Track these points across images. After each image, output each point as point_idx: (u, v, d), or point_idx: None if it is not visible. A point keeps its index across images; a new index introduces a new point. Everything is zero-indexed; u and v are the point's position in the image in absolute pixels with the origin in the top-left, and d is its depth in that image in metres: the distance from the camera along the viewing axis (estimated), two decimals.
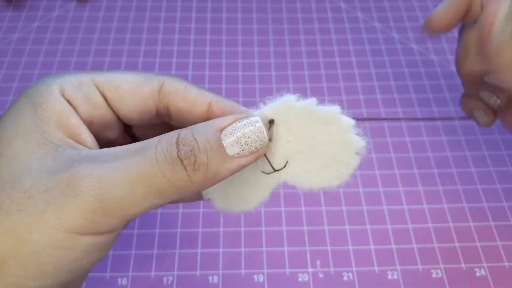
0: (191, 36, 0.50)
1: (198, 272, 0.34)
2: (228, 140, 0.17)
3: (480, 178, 0.39)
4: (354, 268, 0.34)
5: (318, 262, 0.35)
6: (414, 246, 0.35)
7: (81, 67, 0.47)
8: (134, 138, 0.22)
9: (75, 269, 0.17)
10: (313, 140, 0.18)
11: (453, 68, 0.48)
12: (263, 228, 0.36)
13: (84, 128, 0.18)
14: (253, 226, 0.36)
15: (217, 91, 0.46)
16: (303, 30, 0.51)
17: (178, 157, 0.16)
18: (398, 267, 0.34)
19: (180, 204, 0.37)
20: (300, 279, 0.34)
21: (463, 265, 0.34)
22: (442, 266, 0.34)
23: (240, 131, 0.17)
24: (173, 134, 0.17)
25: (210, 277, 0.34)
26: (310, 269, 0.34)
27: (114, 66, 0.47)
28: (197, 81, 0.46)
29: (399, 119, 0.42)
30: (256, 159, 0.18)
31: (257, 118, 0.18)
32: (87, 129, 0.18)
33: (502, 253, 0.35)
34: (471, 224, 0.37)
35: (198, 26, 0.51)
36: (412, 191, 0.38)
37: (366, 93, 0.45)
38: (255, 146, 0.17)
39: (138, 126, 0.21)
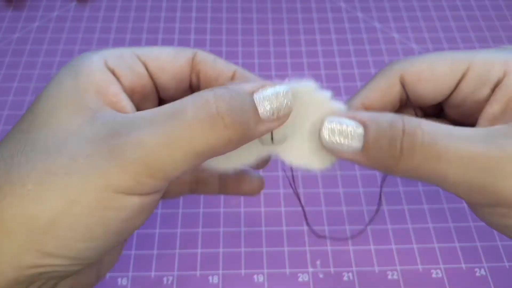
0: (191, 36, 0.50)
1: (198, 272, 0.34)
2: (260, 102, 0.18)
3: None
4: (354, 268, 0.34)
5: (318, 262, 0.35)
6: (414, 246, 0.35)
7: None
8: None
9: (122, 231, 0.17)
10: (313, 126, 0.20)
11: None
12: (263, 228, 0.36)
13: (124, 95, 0.19)
14: (253, 226, 0.36)
15: None
16: (303, 30, 0.51)
17: (218, 114, 0.16)
18: (398, 267, 0.34)
19: (180, 204, 0.37)
20: (300, 279, 0.34)
21: (463, 265, 0.34)
22: (442, 266, 0.34)
23: (272, 95, 0.18)
24: (207, 92, 0.17)
25: (210, 277, 0.34)
26: (310, 269, 0.34)
27: None
28: None
29: None
30: (280, 125, 0.19)
31: (287, 87, 0.18)
32: (127, 97, 0.19)
33: (502, 253, 0.35)
34: (471, 224, 0.37)
35: (198, 26, 0.51)
36: (412, 191, 0.38)
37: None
38: (283, 112, 0.18)
39: (171, 100, 0.21)
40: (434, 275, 0.34)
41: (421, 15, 0.53)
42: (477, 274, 0.34)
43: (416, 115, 0.23)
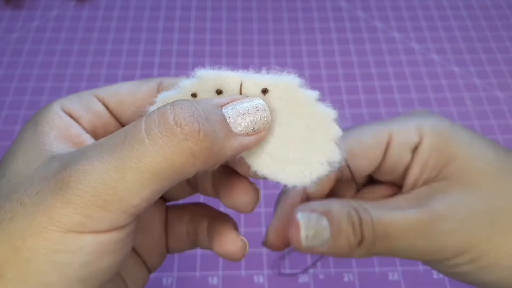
0: (190, 35, 0.50)
1: (197, 273, 0.34)
2: (231, 114, 0.16)
3: None
4: (354, 269, 0.34)
5: (318, 263, 0.34)
6: None
7: (80, 67, 0.47)
8: None
9: (86, 277, 0.15)
10: (296, 131, 0.17)
11: (454, 68, 0.47)
12: (263, 229, 0.36)
13: (87, 136, 0.18)
14: (253, 226, 0.36)
15: None
16: (303, 29, 0.51)
17: (176, 124, 0.14)
18: (399, 268, 0.34)
19: None
20: (300, 280, 0.34)
21: None
22: None
23: (243, 107, 0.16)
24: (163, 106, 0.15)
25: (209, 278, 0.34)
26: (311, 270, 0.34)
27: (113, 66, 0.47)
28: None
29: None
30: (259, 141, 0.16)
31: (261, 101, 0.16)
32: (91, 137, 0.18)
33: None
34: None
35: (197, 26, 0.51)
36: None
37: (367, 92, 0.45)
38: (259, 125, 0.16)
39: None
40: (434, 276, 0.34)
41: (422, 15, 0.52)
42: None
43: (356, 184, 0.24)
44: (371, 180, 0.24)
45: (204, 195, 0.21)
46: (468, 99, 0.45)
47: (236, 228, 0.20)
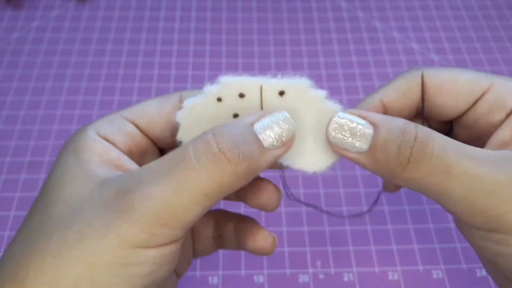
0: (191, 35, 0.50)
1: (198, 273, 0.34)
2: (261, 130, 0.18)
3: None
4: (354, 269, 0.34)
5: (318, 263, 0.35)
6: (415, 246, 0.35)
7: (80, 67, 0.47)
8: None
9: (148, 285, 0.17)
10: (310, 126, 0.20)
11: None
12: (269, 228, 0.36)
13: (126, 158, 0.19)
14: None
15: None
16: (303, 29, 0.51)
17: (220, 151, 0.16)
18: (398, 268, 0.34)
19: None
20: (300, 280, 0.34)
21: (464, 266, 0.34)
22: (442, 266, 0.34)
23: (271, 121, 0.18)
24: (205, 134, 0.17)
25: (210, 278, 0.34)
26: (310, 270, 0.34)
27: (113, 66, 0.47)
28: (197, 80, 0.46)
29: None
30: (287, 150, 0.19)
31: (285, 113, 0.18)
32: (129, 159, 0.20)
33: None
34: None
35: (197, 26, 0.51)
36: (412, 192, 0.38)
37: (367, 92, 0.45)
38: (287, 137, 0.18)
39: (171, 148, 0.21)
40: (434, 276, 0.34)
41: (421, 15, 0.52)
42: (478, 274, 0.34)
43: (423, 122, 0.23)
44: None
45: (224, 200, 0.22)
46: None
47: (262, 226, 0.22)
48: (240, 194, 0.21)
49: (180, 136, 0.20)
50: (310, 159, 0.19)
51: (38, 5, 0.53)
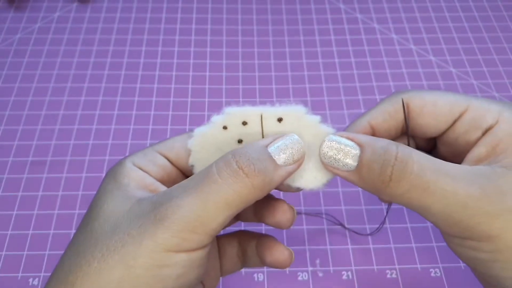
0: (192, 37, 0.51)
1: None
2: (274, 151, 0.20)
3: None
4: (353, 267, 0.35)
5: (317, 261, 0.35)
6: (413, 245, 0.36)
7: (82, 68, 0.47)
8: None
9: (180, 287, 0.19)
10: (306, 148, 0.22)
11: (452, 69, 0.48)
12: (263, 227, 0.36)
13: (158, 184, 0.22)
14: (253, 225, 0.36)
15: (217, 92, 0.46)
16: (302, 31, 0.51)
17: (238, 167, 0.19)
18: (397, 266, 0.35)
19: None
20: (299, 278, 0.34)
21: (462, 264, 0.35)
22: (440, 265, 0.35)
23: (283, 144, 0.21)
24: (225, 155, 0.20)
25: None
26: (310, 268, 0.35)
27: (115, 67, 0.47)
28: (198, 81, 0.46)
29: None
30: (298, 167, 0.21)
31: (296, 136, 0.21)
32: (161, 185, 0.22)
33: None
34: None
35: (198, 27, 0.52)
36: None
37: (365, 93, 0.45)
38: (297, 155, 0.21)
39: None
40: (432, 274, 0.34)
41: (419, 16, 0.53)
42: None
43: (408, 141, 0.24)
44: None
45: (244, 221, 0.25)
46: None
47: (280, 242, 0.24)
48: (258, 214, 0.24)
49: (192, 160, 0.22)
50: (308, 177, 0.22)
51: (41, 7, 0.53)
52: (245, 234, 0.26)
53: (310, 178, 0.22)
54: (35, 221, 0.37)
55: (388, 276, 0.34)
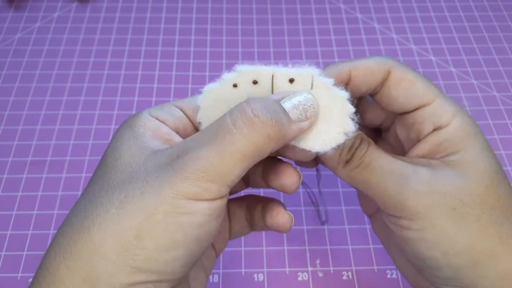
0: (192, 36, 0.51)
1: None
2: (288, 107, 0.20)
3: None
4: (353, 267, 0.35)
5: (317, 261, 0.35)
6: None
7: (82, 67, 0.47)
8: None
9: (199, 237, 0.19)
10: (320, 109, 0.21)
11: (452, 69, 0.48)
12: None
13: (174, 134, 0.22)
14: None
15: None
16: (302, 31, 0.51)
17: (254, 115, 0.19)
18: None
19: None
20: (300, 278, 0.34)
21: None
22: None
23: (296, 100, 0.21)
24: (240, 105, 0.20)
25: (210, 276, 0.34)
26: (310, 268, 0.35)
27: (115, 67, 0.47)
28: (198, 81, 0.46)
29: None
30: (311, 125, 0.21)
31: (308, 93, 0.21)
32: (177, 135, 0.22)
33: None
34: None
35: (198, 27, 0.52)
36: None
37: None
38: (310, 112, 0.21)
39: None
40: None
41: (419, 16, 0.53)
42: None
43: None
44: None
45: (254, 187, 0.26)
46: (465, 99, 0.45)
47: (284, 207, 0.25)
48: (265, 177, 0.24)
49: (200, 117, 0.22)
50: (317, 140, 0.21)
51: (40, 6, 0.53)
52: (253, 198, 0.26)
53: (319, 141, 0.21)
54: (35, 221, 0.37)
55: (388, 276, 0.34)
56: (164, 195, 0.18)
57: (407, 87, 0.23)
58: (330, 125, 0.21)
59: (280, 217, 0.24)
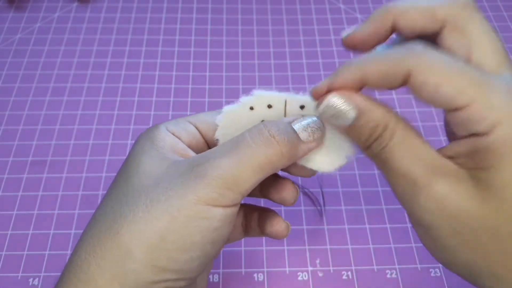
0: (192, 37, 0.51)
1: None
2: (297, 128, 0.22)
3: None
4: (353, 267, 0.35)
5: (317, 261, 0.35)
6: (413, 245, 0.36)
7: (82, 68, 0.47)
8: None
9: (214, 240, 0.21)
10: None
11: None
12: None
13: (189, 150, 0.24)
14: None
15: (217, 92, 0.46)
16: (302, 31, 0.51)
17: (270, 135, 0.21)
18: (396, 266, 0.35)
19: None
20: (299, 278, 0.34)
21: None
22: (440, 265, 0.35)
23: (306, 123, 0.23)
24: (257, 125, 0.22)
25: (210, 276, 0.34)
26: (310, 268, 0.35)
27: (115, 67, 0.47)
28: (198, 81, 0.46)
29: None
30: (318, 145, 0.23)
31: (315, 117, 0.23)
32: (191, 151, 0.24)
33: None
34: None
35: (198, 27, 0.52)
36: None
37: (365, 93, 0.45)
38: (317, 134, 0.23)
39: None
40: (432, 274, 0.34)
41: None
42: None
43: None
44: None
45: (251, 197, 0.27)
46: None
47: (280, 216, 0.27)
48: (264, 191, 0.26)
49: (217, 135, 0.24)
50: (322, 160, 0.24)
51: (41, 7, 0.53)
52: (250, 206, 0.28)
53: (325, 162, 0.24)
54: (35, 221, 0.37)
55: (388, 276, 0.34)
56: (187, 201, 0.20)
57: (430, 92, 0.19)
58: (334, 148, 0.23)
59: (279, 226, 0.26)
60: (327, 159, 0.24)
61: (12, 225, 0.37)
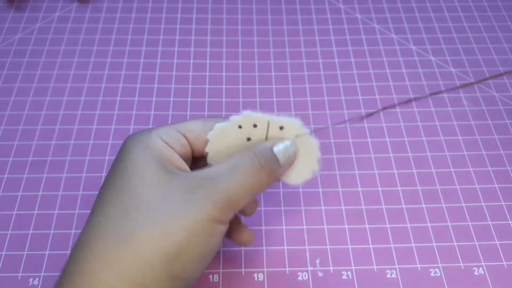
0: (192, 37, 0.51)
1: None
2: (277, 151, 0.26)
3: (477, 178, 0.40)
4: (353, 267, 0.35)
5: (317, 261, 0.35)
6: (413, 245, 0.36)
7: (82, 68, 0.47)
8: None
9: (213, 252, 0.25)
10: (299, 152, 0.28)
11: (452, 69, 0.48)
12: (263, 227, 0.36)
13: (181, 160, 0.26)
14: (252, 225, 0.37)
15: (217, 92, 0.46)
16: (302, 31, 0.51)
17: (260, 165, 0.25)
18: (396, 266, 0.35)
19: None
20: (299, 278, 0.34)
21: (462, 264, 0.35)
22: (440, 265, 0.35)
23: (283, 147, 0.26)
24: (250, 153, 0.25)
25: (210, 276, 0.34)
26: (310, 268, 0.35)
27: (115, 67, 0.47)
28: (198, 81, 0.47)
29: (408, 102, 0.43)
30: (292, 165, 0.27)
31: (291, 141, 0.27)
32: (184, 163, 0.26)
33: (500, 252, 0.35)
34: (469, 223, 0.37)
35: (199, 27, 0.52)
36: (410, 191, 0.39)
37: (365, 93, 0.46)
38: (292, 157, 0.27)
39: (201, 157, 0.29)
40: (432, 274, 0.34)
41: (419, 16, 0.53)
42: (476, 273, 0.34)
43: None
44: None
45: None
46: (465, 99, 0.45)
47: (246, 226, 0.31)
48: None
49: (208, 148, 0.27)
50: (295, 176, 0.28)
51: (41, 7, 0.53)
52: None
53: (297, 177, 0.28)
54: (35, 221, 0.37)
55: (388, 276, 0.34)
56: (201, 219, 0.23)
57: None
58: (305, 166, 0.28)
59: (246, 235, 0.31)
60: (299, 175, 0.28)
61: (12, 225, 0.37)
